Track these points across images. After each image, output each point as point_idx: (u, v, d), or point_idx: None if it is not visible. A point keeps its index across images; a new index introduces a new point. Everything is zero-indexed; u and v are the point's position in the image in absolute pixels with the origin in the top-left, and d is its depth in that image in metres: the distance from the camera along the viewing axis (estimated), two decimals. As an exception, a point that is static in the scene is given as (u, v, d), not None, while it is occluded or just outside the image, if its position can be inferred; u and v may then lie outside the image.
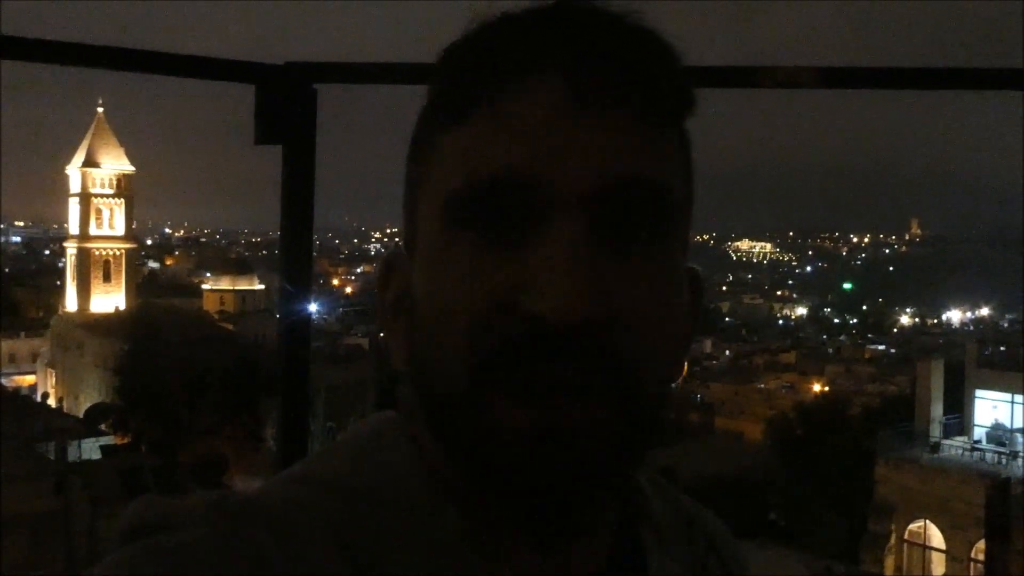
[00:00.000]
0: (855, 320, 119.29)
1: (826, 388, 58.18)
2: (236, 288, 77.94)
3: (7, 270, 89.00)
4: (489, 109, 0.57)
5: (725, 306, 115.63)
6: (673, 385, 0.62)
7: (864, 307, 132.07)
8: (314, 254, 1.59)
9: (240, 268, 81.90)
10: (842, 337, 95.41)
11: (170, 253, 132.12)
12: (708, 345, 75.74)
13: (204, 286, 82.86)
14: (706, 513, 0.77)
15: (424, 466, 0.62)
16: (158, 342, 48.84)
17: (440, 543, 0.59)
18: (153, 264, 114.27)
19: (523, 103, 0.57)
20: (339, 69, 1.46)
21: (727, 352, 78.54)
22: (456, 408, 0.56)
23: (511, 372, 0.54)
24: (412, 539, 0.59)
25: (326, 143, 1.44)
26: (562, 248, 0.54)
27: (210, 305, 76.09)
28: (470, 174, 0.57)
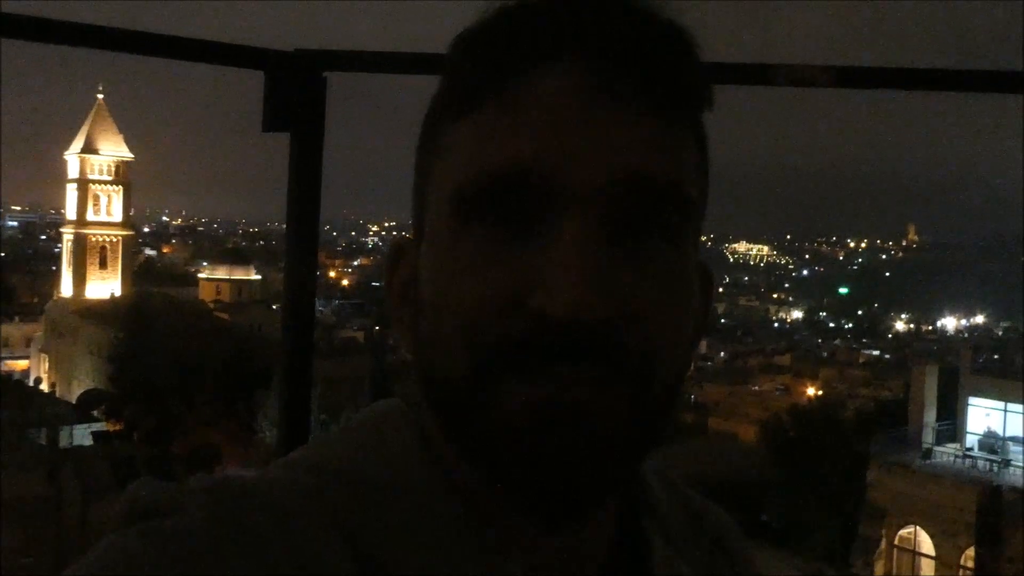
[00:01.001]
0: (850, 324, 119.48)
1: (820, 391, 58.28)
2: (232, 278, 77.88)
3: (3, 255, 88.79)
4: (500, 99, 0.56)
5: (721, 307, 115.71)
6: (682, 381, 0.59)
7: (860, 312, 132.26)
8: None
9: (237, 258, 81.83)
10: (837, 341, 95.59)
11: (167, 241, 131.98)
12: (703, 346, 75.85)
13: (200, 275, 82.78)
14: (715, 509, 0.75)
15: (429, 455, 0.61)
16: (153, 330, 48.78)
17: (444, 531, 0.58)
18: (150, 252, 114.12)
19: (535, 94, 0.55)
20: (349, 57, 1.44)
21: (722, 353, 78.68)
22: (458, 391, 0.55)
23: (516, 364, 0.53)
24: (416, 528, 0.58)
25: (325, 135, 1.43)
26: (573, 246, 0.52)
27: (206, 294, 76.01)
28: (479, 167, 0.55)
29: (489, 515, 0.59)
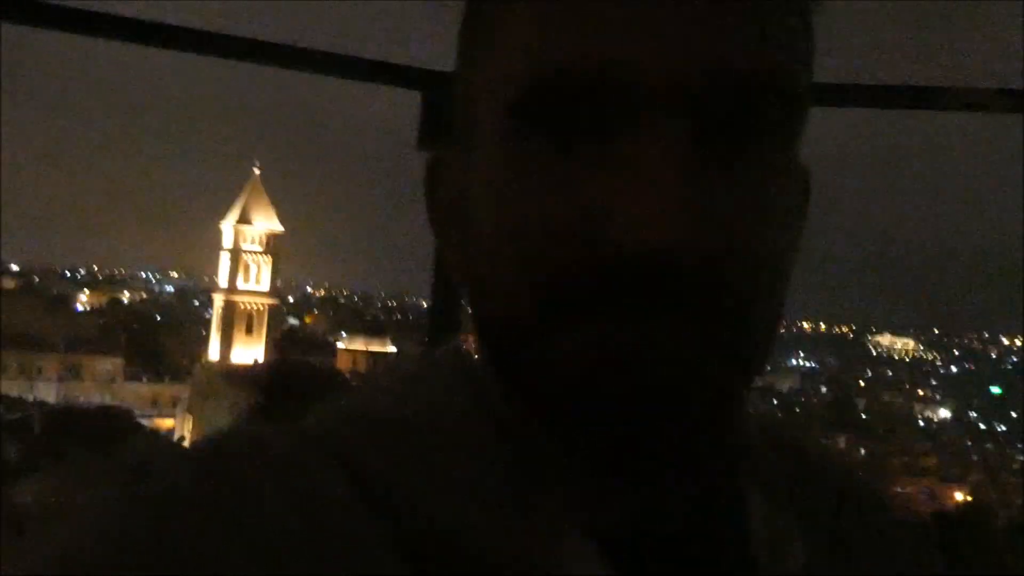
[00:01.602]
0: (1003, 427, 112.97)
1: (969, 497, 55.01)
2: (369, 349, 79.66)
3: (159, 318, 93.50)
4: None
5: (862, 403, 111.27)
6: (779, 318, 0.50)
7: (1014, 413, 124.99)
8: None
9: (374, 330, 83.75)
10: (988, 444, 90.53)
11: (310, 311, 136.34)
12: (842, 441, 72.78)
13: (339, 345, 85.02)
14: (840, 467, 0.64)
15: (480, 399, 0.52)
16: (292, 397, 50.12)
17: (488, 485, 0.49)
18: (293, 321, 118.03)
19: None
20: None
21: (862, 451, 75.29)
22: (517, 331, 0.47)
23: (589, 302, 0.44)
24: (460, 479, 0.49)
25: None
26: (658, 160, 0.43)
27: (343, 364, 77.90)
28: (540, 66, 0.45)
29: (551, 466, 0.49)
